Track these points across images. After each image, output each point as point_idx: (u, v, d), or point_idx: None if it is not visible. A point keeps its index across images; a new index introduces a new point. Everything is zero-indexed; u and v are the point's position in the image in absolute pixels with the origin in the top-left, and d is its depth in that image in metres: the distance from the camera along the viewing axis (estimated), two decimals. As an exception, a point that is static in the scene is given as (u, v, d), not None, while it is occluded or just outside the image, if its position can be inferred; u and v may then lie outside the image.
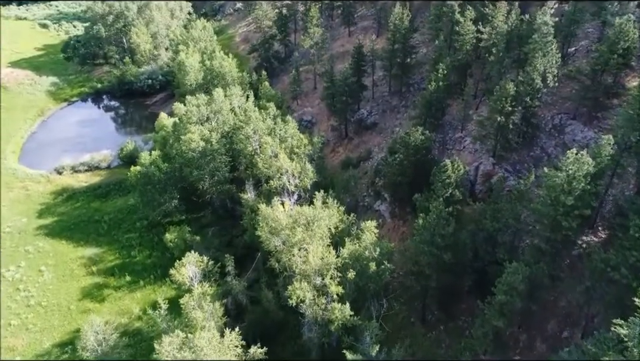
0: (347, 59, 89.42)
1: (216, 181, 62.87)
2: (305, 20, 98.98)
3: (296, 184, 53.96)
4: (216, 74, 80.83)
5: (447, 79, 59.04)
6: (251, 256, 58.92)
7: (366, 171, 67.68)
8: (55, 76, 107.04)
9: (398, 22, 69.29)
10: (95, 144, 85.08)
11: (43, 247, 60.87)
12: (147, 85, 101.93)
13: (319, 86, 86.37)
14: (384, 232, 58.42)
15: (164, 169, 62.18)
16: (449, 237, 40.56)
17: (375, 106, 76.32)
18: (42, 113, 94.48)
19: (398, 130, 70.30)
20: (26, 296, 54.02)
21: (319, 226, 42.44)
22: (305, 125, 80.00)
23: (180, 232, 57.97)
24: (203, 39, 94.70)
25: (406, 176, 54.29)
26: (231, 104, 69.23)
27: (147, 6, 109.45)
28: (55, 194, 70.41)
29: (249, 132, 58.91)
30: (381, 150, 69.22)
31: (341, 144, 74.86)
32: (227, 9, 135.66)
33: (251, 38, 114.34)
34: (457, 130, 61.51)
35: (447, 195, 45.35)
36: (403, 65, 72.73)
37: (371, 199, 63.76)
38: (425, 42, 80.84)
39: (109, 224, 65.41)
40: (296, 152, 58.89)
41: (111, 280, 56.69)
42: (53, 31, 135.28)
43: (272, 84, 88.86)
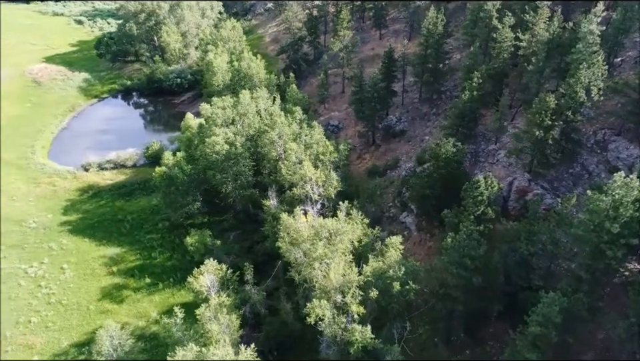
0: (376, 63, 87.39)
1: (239, 185, 61.88)
2: (336, 22, 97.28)
3: (320, 193, 52.36)
4: (243, 75, 79.99)
5: (482, 88, 56.37)
6: (271, 264, 57.63)
7: (392, 180, 65.50)
8: (87, 72, 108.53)
9: (431, 27, 66.81)
10: (122, 141, 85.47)
11: (66, 244, 61.11)
12: (175, 84, 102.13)
13: (347, 90, 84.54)
14: (409, 245, 56.26)
15: (187, 171, 61.53)
16: (479, 259, 38.20)
17: (405, 113, 73.99)
18: (72, 109, 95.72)
19: (427, 139, 67.90)
20: (47, 294, 54.17)
21: (342, 240, 40.70)
22: (331, 130, 78.33)
23: (201, 236, 57.17)
24: (232, 39, 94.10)
25: (435, 190, 51.94)
26: (257, 107, 68.14)
27: (179, 5, 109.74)
28: (81, 191, 70.85)
29: (273, 137, 57.63)
30: (409, 159, 66.93)
31: (368, 151, 72.85)
32: (257, 9, 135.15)
33: (280, 39, 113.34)
34: (490, 142, 58.69)
35: (478, 213, 42.92)
36: (434, 71, 70.21)
37: (396, 210, 61.57)
38: (459, 48, 78.01)
39: (131, 223, 65.26)
40: (321, 159, 57.31)
41: (130, 281, 56.35)
42: (88, 28, 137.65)
43: (299, 87, 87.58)
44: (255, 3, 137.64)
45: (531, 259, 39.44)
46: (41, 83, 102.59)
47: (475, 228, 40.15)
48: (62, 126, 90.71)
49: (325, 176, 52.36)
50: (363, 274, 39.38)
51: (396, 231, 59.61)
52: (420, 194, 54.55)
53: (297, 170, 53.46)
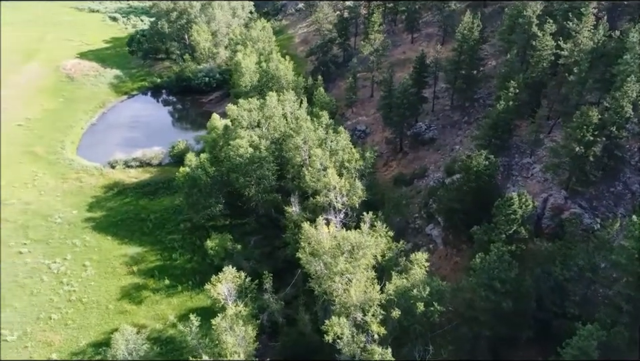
0: (407, 67, 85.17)
1: (262, 189, 60.97)
2: (367, 24, 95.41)
3: (343, 202, 50.81)
4: (271, 77, 79.16)
5: (518, 98, 53.70)
6: (290, 271, 56.46)
7: (419, 190, 63.36)
8: (119, 69, 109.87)
9: (466, 32, 64.26)
10: (149, 139, 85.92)
11: (89, 241, 61.47)
12: (203, 83, 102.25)
13: (376, 95, 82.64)
14: (434, 259, 54.05)
15: (211, 173, 60.97)
16: (510, 282, 35.96)
17: (435, 121, 71.63)
18: (102, 105, 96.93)
19: (458, 149, 65.44)
20: (68, 291, 54.48)
21: (365, 254, 39.07)
22: (358, 135, 76.63)
23: (221, 239, 56.49)
24: (262, 39, 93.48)
25: (464, 204, 49.69)
26: (284, 110, 67.09)
27: (210, 4, 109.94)
28: (106, 188, 71.35)
29: (298, 142, 56.41)
30: (438, 169, 64.63)
31: (395, 158, 70.82)
32: (288, 9, 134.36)
33: (310, 40, 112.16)
34: (524, 155, 55.92)
35: (510, 232, 40.57)
36: (468, 78, 67.63)
37: (422, 222, 59.43)
38: (495, 54, 75.14)
39: (153, 223, 65.23)
40: (346, 166, 55.74)
41: (150, 281, 56.15)
42: (122, 25, 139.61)
43: (327, 89, 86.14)
44: (286, 3, 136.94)
45: (566, 285, 36.90)
46: (74, 79, 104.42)
47: (506, 249, 37.89)
48: (91, 122, 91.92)
49: (350, 185, 50.76)
50: (386, 292, 37.64)
51: (421, 243, 57.73)
52: (448, 207, 52.37)
53: (321, 177, 52.06)
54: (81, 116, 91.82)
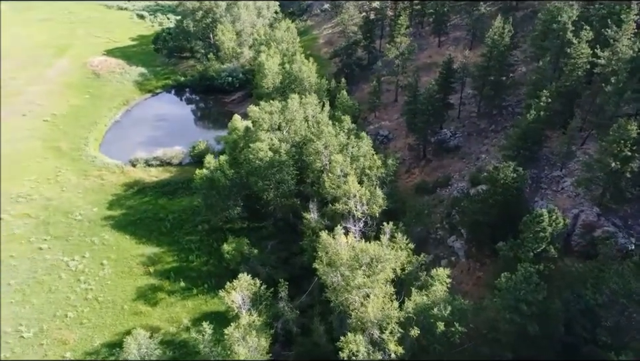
0: (433, 72, 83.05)
1: (280, 193, 60.05)
2: (393, 26, 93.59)
3: (363, 211, 49.43)
4: (294, 79, 78.21)
5: (550, 108, 51.32)
6: (307, 278, 55.32)
7: (442, 200, 61.43)
8: (144, 66, 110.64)
9: (497, 38, 62.01)
10: (170, 138, 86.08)
11: (108, 240, 61.61)
12: (226, 82, 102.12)
13: (400, 99, 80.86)
14: (456, 273, 52.23)
15: (229, 175, 60.34)
16: (537, 305, 34.03)
17: (460, 128, 69.50)
18: (127, 102, 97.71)
19: (484, 158, 63.25)
20: (85, 289, 54.59)
21: (383, 268, 37.65)
22: (380, 140, 75.03)
23: (238, 243, 55.78)
24: (286, 40, 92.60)
25: (489, 217, 47.69)
26: (305, 113, 66.03)
27: (235, 4, 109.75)
28: (127, 187, 71.58)
29: (319, 147, 55.25)
30: (462, 178, 62.58)
31: (418, 165, 68.95)
32: (314, 9, 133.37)
33: (334, 41, 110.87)
34: (555, 168, 53.50)
35: (538, 250, 38.56)
36: (496, 84, 65.33)
37: (444, 232, 57.55)
38: (526, 60, 72.43)
39: (172, 223, 65.05)
40: (367, 173, 54.31)
41: (165, 283, 55.85)
42: (149, 22, 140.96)
43: (350, 92, 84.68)
44: (311, 4, 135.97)
45: (598, 310, 34.74)
46: (100, 75, 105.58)
47: (534, 268, 35.92)
48: (115, 119, 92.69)
49: (370, 193, 49.32)
50: (404, 310, 36.15)
51: (443, 255, 55.90)
52: (472, 220, 50.43)
53: (341, 184, 50.78)
54: (105, 113, 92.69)
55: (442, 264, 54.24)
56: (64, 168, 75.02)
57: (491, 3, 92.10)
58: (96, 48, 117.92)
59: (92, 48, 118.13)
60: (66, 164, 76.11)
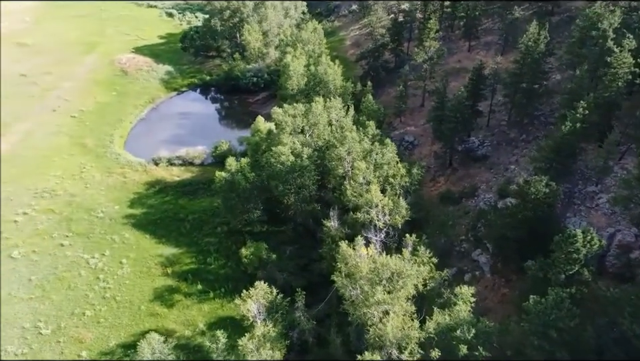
0: (462, 77, 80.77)
1: (301, 198, 59.03)
2: (422, 29, 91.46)
3: (385, 221, 47.90)
4: (319, 81, 77.12)
5: (587, 120, 48.71)
6: (325, 286, 53.99)
7: (467, 211, 59.30)
8: (171, 65, 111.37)
9: (531, 44, 59.47)
10: (194, 136, 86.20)
11: (128, 238, 61.72)
12: (251, 83, 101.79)
13: (427, 105, 78.78)
14: (480, 288, 50.14)
15: (250, 178, 59.63)
16: (568, 332, 31.95)
17: (489, 136, 67.08)
18: (152, 100, 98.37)
19: (513, 169, 60.80)
20: (103, 288, 54.69)
21: (405, 284, 36.10)
22: (405, 146, 73.20)
23: (257, 248, 55.00)
24: (312, 41, 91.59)
25: (517, 232, 45.50)
26: (329, 117, 64.83)
27: (263, 4, 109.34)
28: (148, 185, 71.76)
29: (342, 153, 53.94)
30: (489, 189, 60.31)
31: (443, 173, 66.86)
32: (341, 10, 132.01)
33: (361, 43, 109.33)
34: (589, 183, 50.84)
35: (570, 272, 36.36)
36: (529, 92, 62.69)
37: (469, 245, 55.45)
38: (560, 68, 69.41)
39: (191, 224, 64.79)
40: (390, 182, 52.72)
41: (182, 285, 55.49)
42: (177, 21, 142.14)
43: (376, 95, 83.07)
44: (339, 4, 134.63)
45: (635, 341, 32.39)
46: (128, 73, 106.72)
47: (566, 292, 33.80)
48: (140, 116, 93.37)
49: (393, 203, 47.74)
50: (425, 330, 34.56)
51: (466, 269, 53.85)
52: (499, 234, 48.27)
53: (363, 192, 49.38)
54: (131, 110, 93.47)
55: (465, 279, 52.38)
56: (88, 164, 75.78)
57: (525, 7, 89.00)
58: (125, 46, 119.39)
59: (121, 45, 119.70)
60: (91, 161, 76.89)
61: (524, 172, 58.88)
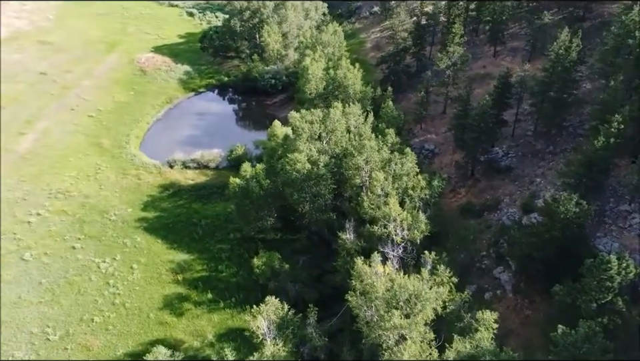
0: (486, 83, 78.06)
1: (316, 207, 57.34)
2: (445, 33, 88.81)
3: (403, 236, 45.83)
4: (338, 85, 75.27)
5: (621, 135, 45.84)
6: (338, 299, 52.02)
7: (489, 225, 56.76)
8: (189, 64, 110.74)
9: (562, 52, 56.59)
10: (210, 138, 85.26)
11: (140, 242, 60.88)
12: (269, 84, 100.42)
13: (449, 111, 76.24)
14: (501, 308, 47.76)
15: (265, 185, 58.16)
16: (600, 368, 29.55)
17: (513, 147, 64.31)
18: (170, 101, 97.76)
19: (539, 182, 58.05)
20: (113, 293, 53.85)
21: (423, 307, 34.05)
22: (425, 155, 70.85)
23: (269, 258, 53.50)
24: (332, 44, 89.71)
25: (544, 252, 42.99)
26: (347, 123, 62.94)
27: (283, 5, 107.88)
28: (162, 188, 70.91)
29: (359, 163, 52.01)
30: (513, 203, 57.65)
31: (464, 184, 64.33)
32: (362, 12, 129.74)
33: (382, 46, 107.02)
34: (622, 201, 47.97)
35: (602, 301, 33.82)
36: (557, 102, 59.77)
37: (490, 262, 53.00)
38: (591, 77, 66.22)
39: (204, 229, 63.66)
40: (410, 194, 50.59)
41: (193, 293, 54.33)
42: (197, 20, 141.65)
43: (396, 101, 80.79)
44: (361, 5, 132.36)
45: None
46: (146, 72, 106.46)
47: (598, 323, 31.35)
48: (157, 117, 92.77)
49: (412, 217, 45.64)
50: (444, 358, 32.45)
51: (487, 287, 51.42)
52: (523, 253, 45.78)
53: (381, 205, 47.41)
54: (148, 110, 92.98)
55: (486, 297, 50.07)
56: (104, 165, 75.35)
57: (554, 12, 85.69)
58: (145, 45, 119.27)
59: (141, 44, 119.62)
60: (106, 162, 76.47)
61: (550, 186, 56.18)
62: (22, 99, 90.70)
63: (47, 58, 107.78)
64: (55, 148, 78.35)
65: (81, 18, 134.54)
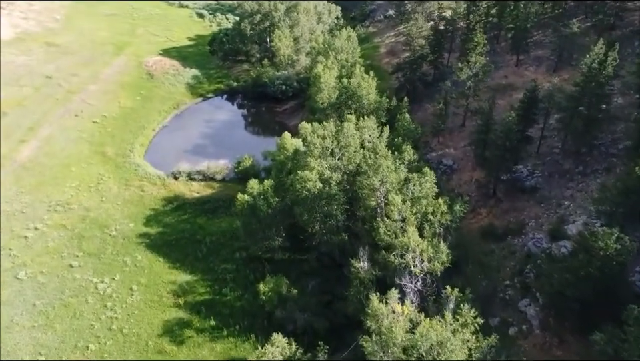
0: (508, 95, 73.98)
1: (327, 228, 53.81)
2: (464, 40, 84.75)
3: (422, 268, 42.09)
4: (351, 94, 71.64)
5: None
6: (350, 329, 48.71)
7: (513, 251, 52.75)
8: (198, 68, 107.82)
9: (596, 65, 52.36)
10: (217, 147, 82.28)
11: (141, 261, 57.80)
12: (280, 90, 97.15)
13: (469, 124, 72.32)
14: (528, 346, 43.92)
15: (273, 203, 54.73)
16: None
17: (539, 165, 60.15)
18: (177, 106, 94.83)
19: (567, 206, 53.92)
20: (111, 317, 50.73)
21: (448, 358, 30.34)
22: (443, 170, 66.90)
23: (276, 283, 50.07)
24: (345, 50, 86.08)
25: (578, 290, 38.97)
26: (361, 137, 59.26)
27: (295, 9, 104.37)
28: (166, 201, 67.79)
29: (374, 184, 48.28)
30: (539, 227, 53.57)
31: (486, 204, 60.33)
32: (377, 15, 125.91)
33: (397, 51, 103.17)
34: (664, 232, 43.62)
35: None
36: (588, 118, 55.56)
37: (515, 292, 48.97)
38: (624, 91, 61.85)
39: (208, 247, 60.42)
40: (429, 219, 46.77)
41: (195, 319, 51.03)
42: (207, 22, 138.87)
43: (412, 111, 76.89)
44: (375, 9, 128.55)
45: None
46: (154, 76, 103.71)
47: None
48: (164, 123, 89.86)
49: (433, 248, 41.87)
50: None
51: (512, 321, 47.37)
52: (554, 289, 41.75)
53: (398, 232, 43.69)
54: (155, 116, 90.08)
55: (510, 333, 46.14)
56: (106, 175, 72.44)
57: (581, 18, 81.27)
58: (153, 47, 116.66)
59: (149, 46, 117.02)
60: (109, 171, 73.57)
61: (580, 211, 52.06)
62: (26, 104, 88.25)
63: (54, 60, 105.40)
64: (57, 157, 75.63)
65: (89, 18, 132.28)
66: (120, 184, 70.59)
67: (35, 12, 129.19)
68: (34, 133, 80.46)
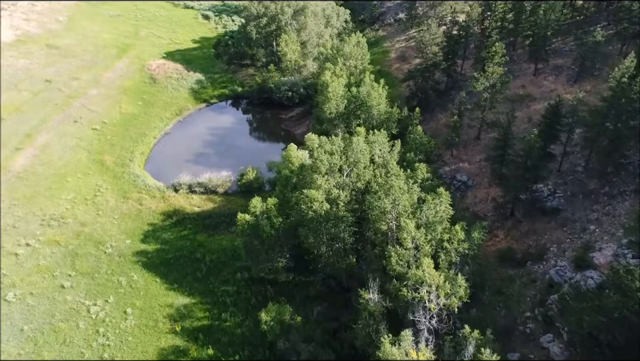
0: (526, 106, 70.32)
1: (334, 251, 50.41)
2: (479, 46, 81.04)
3: (438, 303, 38.56)
4: (360, 104, 68.20)
5: None
6: (358, 361, 45.52)
7: (534, 279, 49.17)
8: (202, 72, 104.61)
9: (626, 80, 48.51)
10: (219, 157, 79.15)
11: (136, 281, 54.72)
12: (286, 97, 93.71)
13: (484, 137, 68.66)
14: (550, 387, 40.22)
15: (276, 224, 51.38)
16: None
17: (561, 185, 56.44)
18: (179, 113, 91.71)
19: (593, 230, 50.16)
20: (103, 345, 47.67)
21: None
22: (456, 187, 63.27)
23: (279, 311, 46.68)
24: (354, 56, 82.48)
25: (612, 334, 35.32)
26: (371, 152, 55.75)
27: (303, 12, 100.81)
28: (165, 216, 64.64)
29: (386, 207, 44.72)
30: (562, 253, 49.91)
31: (503, 226, 56.71)
32: (387, 18, 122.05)
33: (407, 56, 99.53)
34: None
35: None
36: (615, 134, 51.74)
37: (536, 326, 45.35)
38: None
39: (208, 266, 57.27)
40: (445, 247, 43.22)
41: (192, 347, 47.81)
42: (213, 24, 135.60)
43: (423, 121, 73.42)
44: (385, 12, 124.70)
45: None
46: (157, 80, 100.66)
47: None
48: (165, 130, 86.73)
49: (450, 282, 38.33)
50: None
51: (533, 358, 43.82)
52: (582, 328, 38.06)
53: (412, 262, 40.18)
54: (156, 123, 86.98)
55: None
56: (104, 186, 69.39)
57: (604, 25, 77.20)
58: (157, 50, 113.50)
59: (153, 49, 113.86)
60: (107, 182, 70.54)
61: (607, 237, 48.33)
62: (24, 109, 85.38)
63: (54, 64, 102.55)
64: (53, 166, 72.69)
65: (93, 19, 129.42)
66: (118, 197, 67.52)
67: (37, 14, 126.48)
68: (31, 141, 77.60)
